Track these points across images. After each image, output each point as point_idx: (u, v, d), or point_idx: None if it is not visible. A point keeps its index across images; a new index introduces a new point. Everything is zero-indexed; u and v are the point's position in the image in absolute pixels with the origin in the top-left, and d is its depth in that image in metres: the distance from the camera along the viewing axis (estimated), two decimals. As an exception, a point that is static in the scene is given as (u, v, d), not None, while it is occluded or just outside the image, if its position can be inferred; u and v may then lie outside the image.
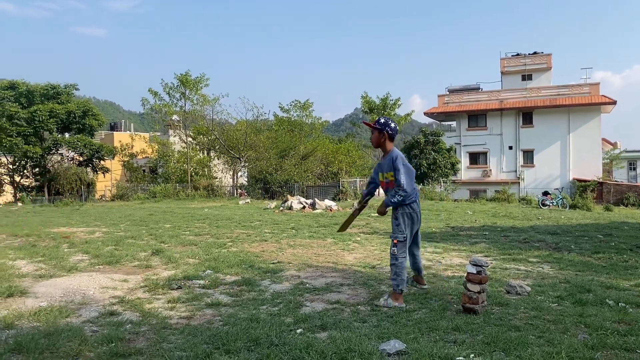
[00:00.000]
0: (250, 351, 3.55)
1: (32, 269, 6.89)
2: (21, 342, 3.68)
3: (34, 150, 35.03)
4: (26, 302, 5.05)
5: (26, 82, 37.73)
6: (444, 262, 7.96)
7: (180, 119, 38.30)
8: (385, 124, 5.12)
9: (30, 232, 11.49)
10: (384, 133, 5.10)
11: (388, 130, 5.09)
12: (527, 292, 5.43)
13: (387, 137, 5.11)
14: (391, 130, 5.11)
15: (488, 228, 13.29)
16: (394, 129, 5.13)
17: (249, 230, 12.01)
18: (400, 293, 4.94)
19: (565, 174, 38.03)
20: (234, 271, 6.70)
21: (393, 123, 5.19)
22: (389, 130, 5.10)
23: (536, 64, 42.01)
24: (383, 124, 5.12)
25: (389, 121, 5.18)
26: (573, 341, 3.65)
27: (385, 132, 5.09)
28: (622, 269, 7.35)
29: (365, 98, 39.75)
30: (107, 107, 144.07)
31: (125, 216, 17.05)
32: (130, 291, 5.69)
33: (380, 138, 5.14)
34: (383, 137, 5.12)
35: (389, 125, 5.12)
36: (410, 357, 3.29)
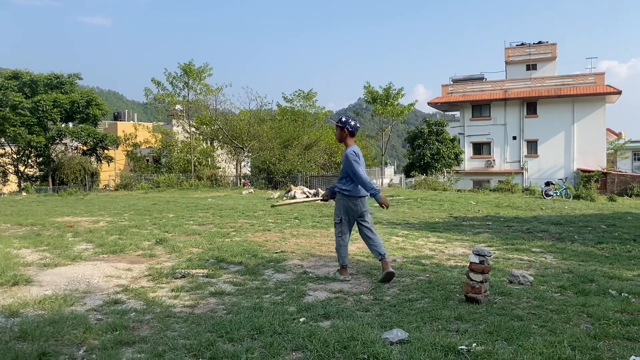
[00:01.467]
0: (253, 339, 3.57)
1: (37, 257, 6.93)
2: (26, 329, 3.71)
3: (37, 140, 35.10)
4: (31, 291, 5.08)
5: (30, 72, 37.72)
6: (446, 251, 7.97)
7: (183, 109, 38.23)
8: (345, 122, 5.66)
9: (35, 221, 11.55)
10: (345, 130, 5.65)
11: (348, 128, 5.64)
12: (529, 282, 5.44)
13: (347, 133, 5.66)
14: (351, 127, 5.65)
15: (491, 218, 13.29)
16: (353, 127, 5.67)
17: (253, 220, 12.03)
18: (343, 267, 5.71)
19: (569, 165, 37.89)
20: (237, 260, 6.72)
21: (353, 121, 5.71)
22: (348, 128, 5.64)
23: (541, 53, 41.70)
24: (344, 122, 5.67)
25: (349, 119, 5.72)
26: (575, 331, 3.65)
27: (345, 129, 5.64)
28: (625, 259, 7.35)
29: (368, 88, 39.57)
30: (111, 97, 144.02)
31: (129, 206, 17.11)
32: (134, 280, 5.72)
33: (342, 134, 5.70)
34: (345, 134, 5.66)
35: (349, 123, 5.66)
36: (412, 346, 3.31)
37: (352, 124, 5.69)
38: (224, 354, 3.22)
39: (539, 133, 38.85)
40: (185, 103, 37.36)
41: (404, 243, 8.75)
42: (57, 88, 37.27)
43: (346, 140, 5.71)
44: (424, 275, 5.99)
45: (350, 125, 5.67)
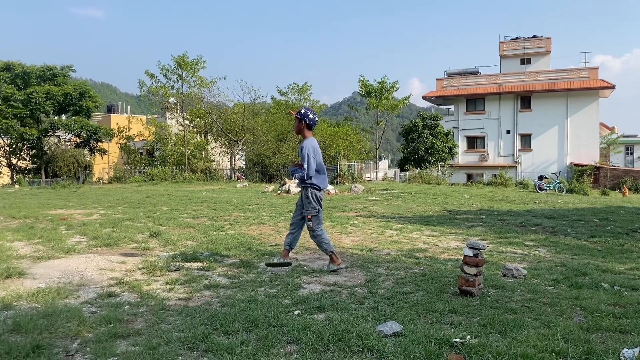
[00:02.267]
0: (248, 332, 3.57)
1: (30, 250, 6.89)
2: (20, 322, 3.69)
3: (30, 132, 34.82)
4: (24, 283, 5.06)
5: (22, 64, 37.32)
6: (440, 245, 8.00)
7: (177, 102, 38.06)
8: (304, 114, 5.72)
9: (28, 214, 11.48)
10: (303, 122, 5.71)
11: (306, 120, 5.70)
12: (523, 275, 5.47)
13: (305, 125, 5.73)
14: (309, 120, 5.71)
15: (485, 212, 13.34)
16: (312, 120, 5.73)
17: (247, 213, 12.03)
18: (333, 253, 5.78)
19: (563, 159, 38.06)
20: (232, 253, 6.72)
21: (312, 114, 5.76)
22: (306, 120, 5.70)
23: (535, 47, 41.76)
24: (302, 114, 5.72)
25: (308, 112, 5.76)
26: (569, 323, 3.68)
27: (304, 121, 5.71)
28: (618, 253, 7.41)
29: (363, 82, 39.47)
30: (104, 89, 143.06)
31: (122, 198, 17.05)
32: (128, 273, 5.70)
33: (300, 126, 5.77)
34: (302, 126, 5.74)
35: (307, 115, 5.71)
36: (407, 339, 3.32)
37: (311, 117, 5.77)
38: (218, 346, 3.22)
39: (533, 127, 38.98)
40: (179, 96, 37.19)
41: (398, 236, 8.77)
42: (49, 80, 36.94)
43: (304, 132, 5.83)
44: (418, 268, 6.00)
45: (308, 117, 5.75)
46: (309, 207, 5.84)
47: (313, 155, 5.70)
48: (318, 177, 5.79)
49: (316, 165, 5.75)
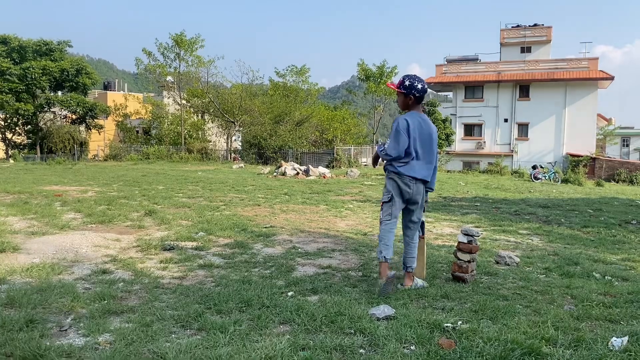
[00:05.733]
0: (241, 312, 3.59)
1: (25, 225, 6.88)
2: (14, 296, 3.70)
3: (25, 108, 34.56)
4: (18, 258, 5.06)
5: (18, 38, 36.87)
6: (434, 231, 8.04)
7: (174, 81, 37.81)
8: (410, 87, 4.42)
9: (23, 189, 11.45)
10: (410, 97, 4.45)
11: (415, 93, 4.43)
12: (516, 263, 5.50)
13: (414, 100, 4.46)
14: (418, 92, 4.44)
15: (480, 199, 13.38)
16: (421, 90, 4.44)
17: (242, 195, 12.02)
18: (384, 261, 4.39)
19: (559, 149, 38.11)
20: (226, 234, 6.73)
21: (420, 83, 4.45)
22: (415, 93, 4.43)
23: (536, 36, 41.54)
24: (408, 86, 4.42)
25: (415, 81, 4.44)
26: (559, 312, 3.71)
27: (411, 95, 4.44)
28: (610, 244, 7.45)
29: (362, 65, 39.31)
30: (101, 66, 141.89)
31: (118, 176, 17.01)
32: (122, 250, 5.71)
33: (406, 101, 4.49)
34: (410, 101, 4.47)
35: (414, 87, 4.42)
36: (399, 322, 3.34)
37: (419, 88, 4.44)
38: (212, 325, 3.24)
39: (531, 116, 38.94)
40: (177, 74, 36.95)
41: (393, 221, 8.79)
42: (46, 55, 36.56)
43: (413, 109, 4.51)
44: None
45: (417, 90, 4.43)
46: (383, 192, 4.62)
47: (405, 132, 4.34)
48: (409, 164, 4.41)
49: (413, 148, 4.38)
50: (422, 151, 4.43)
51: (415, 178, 4.41)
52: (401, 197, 4.47)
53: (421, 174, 4.43)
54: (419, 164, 4.42)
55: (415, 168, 4.41)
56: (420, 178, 4.43)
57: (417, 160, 4.41)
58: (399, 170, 4.41)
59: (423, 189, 4.52)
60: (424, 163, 4.46)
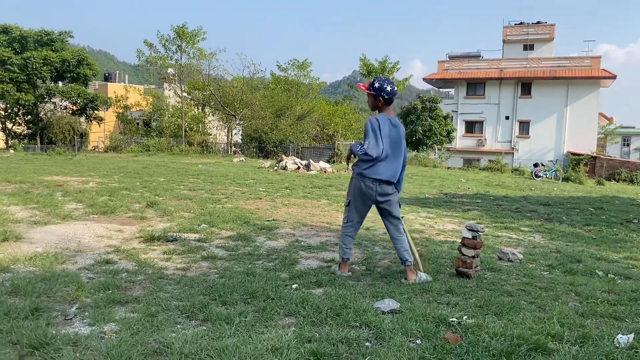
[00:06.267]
0: (246, 304, 3.59)
1: (27, 215, 6.87)
2: (18, 285, 3.69)
3: (26, 98, 34.48)
4: (21, 247, 5.05)
5: (19, 27, 36.73)
6: (436, 227, 8.03)
7: (175, 73, 37.72)
8: (379, 89, 4.45)
9: (24, 179, 11.43)
10: (380, 99, 4.49)
11: (384, 95, 4.46)
12: (519, 260, 5.50)
13: (383, 102, 4.50)
14: (387, 94, 4.46)
15: (481, 196, 13.38)
16: (390, 92, 4.47)
17: (244, 188, 12.01)
18: (343, 261, 4.63)
19: (560, 147, 38.09)
20: (229, 226, 6.72)
21: (389, 85, 4.49)
22: (384, 95, 4.46)
23: (539, 34, 41.44)
24: (377, 88, 4.46)
25: (384, 84, 4.47)
26: (564, 308, 3.71)
27: (380, 97, 4.48)
28: (612, 242, 7.46)
29: (364, 61, 39.28)
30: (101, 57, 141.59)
31: (118, 168, 16.98)
32: (125, 241, 5.70)
33: (376, 103, 4.54)
34: (379, 102, 4.51)
35: (384, 89, 4.45)
36: (404, 316, 3.34)
37: (389, 90, 4.46)
38: (217, 316, 3.23)
39: (532, 114, 38.90)
40: (178, 67, 36.87)
41: (395, 217, 8.78)
42: (47, 45, 36.43)
43: (382, 110, 4.54)
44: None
45: (386, 92, 4.45)
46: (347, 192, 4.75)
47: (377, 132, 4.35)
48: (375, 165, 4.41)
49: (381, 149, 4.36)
50: (391, 152, 4.44)
51: (380, 180, 4.42)
52: (362, 199, 4.52)
53: (386, 175, 4.43)
54: (385, 165, 4.43)
55: (380, 170, 4.41)
56: (385, 179, 4.44)
57: (384, 162, 4.41)
58: (362, 172, 4.45)
59: (393, 190, 4.54)
60: (391, 164, 4.46)
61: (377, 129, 4.35)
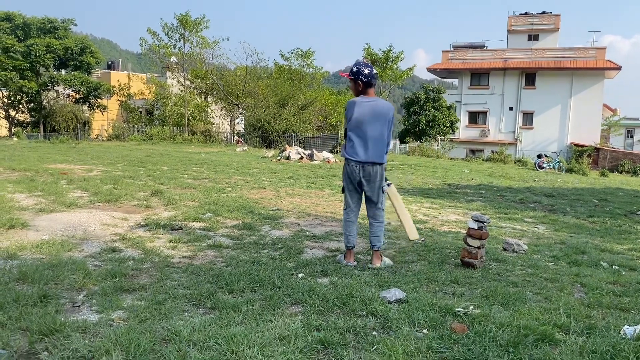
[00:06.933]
0: (253, 292, 3.60)
1: (32, 202, 6.88)
2: (26, 272, 3.71)
3: (29, 86, 34.43)
4: (28, 235, 5.07)
5: (22, 15, 36.60)
6: (440, 217, 8.04)
7: (178, 61, 37.60)
8: (357, 73, 4.52)
9: (28, 166, 11.44)
10: (359, 82, 4.54)
11: (362, 78, 4.51)
12: (524, 251, 5.51)
13: (362, 85, 4.55)
14: (365, 77, 4.51)
15: (484, 187, 13.37)
16: (368, 75, 4.51)
17: (247, 177, 12.02)
18: (348, 249, 4.70)
19: (563, 138, 37.97)
20: (234, 215, 6.73)
21: (367, 68, 4.54)
22: (362, 78, 4.51)
23: (544, 24, 41.13)
24: (355, 72, 4.52)
25: (362, 67, 4.53)
26: (570, 299, 3.72)
27: (359, 81, 4.54)
28: (616, 233, 7.45)
29: (368, 50, 39.03)
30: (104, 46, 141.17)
31: (122, 156, 16.98)
32: (130, 229, 5.72)
33: (356, 88, 4.59)
34: (359, 86, 4.57)
35: (361, 72, 4.51)
36: (410, 306, 3.35)
37: (366, 73, 4.52)
38: (224, 304, 3.25)
39: (536, 105, 38.74)
40: (181, 55, 36.74)
41: (399, 207, 8.78)
42: (50, 33, 36.31)
43: (365, 93, 4.60)
44: (419, 239, 6.03)
45: (363, 75, 4.51)
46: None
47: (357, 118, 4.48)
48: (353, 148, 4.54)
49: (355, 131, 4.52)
50: (371, 133, 4.48)
51: (359, 161, 4.51)
52: (351, 182, 4.63)
53: (365, 157, 4.50)
54: (363, 146, 4.50)
55: (359, 151, 4.50)
56: (364, 161, 4.50)
57: (361, 143, 4.49)
58: (344, 155, 4.59)
59: (376, 171, 4.55)
60: (370, 145, 4.50)
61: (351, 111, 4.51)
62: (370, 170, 4.53)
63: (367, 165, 4.52)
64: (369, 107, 4.51)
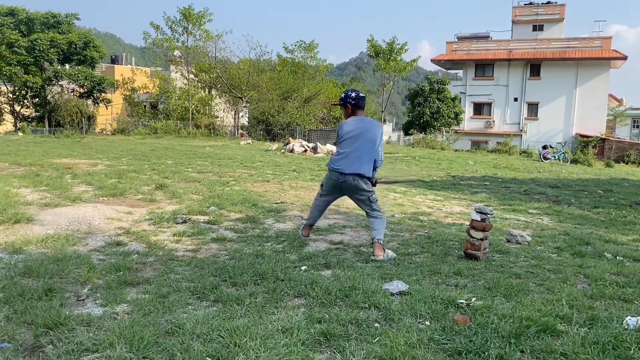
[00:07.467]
0: (256, 285, 3.62)
1: (37, 197, 6.92)
2: (31, 266, 3.74)
3: (34, 80, 34.49)
4: (33, 229, 5.10)
5: (26, 9, 36.59)
6: (444, 209, 8.04)
7: (182, 55, 37.58)
8: (345, 98, 5.00)
9: (33, 161, 11.49)
10: (348, 106, 4.98)
11: (350, 102, 4.96)
12: (527, 242, 5.50)
13: (351, 107, 4.98)
14: (352, 100, 4.96)
15: (489, 179, 13.34)
16: (355, 98, 4.97)
17: (251, 171, 12.03)
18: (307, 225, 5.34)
19: (569, 129, 37.75)
20: (237, 209, 6.75)
21: (354, 92, 5.03)
22: (350, 101, 4.96)
23: (549, 14, 40.80)
24: (343, 98, 5.02)
25: (348, 92, 5.02)
26: (573, 290, 3.72)
27: (348, 104, 4.98)
28: (621, 224, 7.44)
29: (372, 42, 38.85)
30: (108, 40, 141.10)
31: (126, 150, 17.03)
32: (135, 223, 5.74)
33: (347, 112, 5.03)
34: (349, 110, 5.00)
35: (349, 96, 4.98)
36: (413, 298, 3.36)
37: (353, 96, 4.97)
38: (227, 297, 3.27)
39: (541, 96, 38.50)
40: (184, 49, 36.69)
41: (402, 199, 8.80)
42: (54, 27, 36.31)
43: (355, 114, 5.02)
44: (423, 231, 6.04)
45: (351, 98, 4.96)
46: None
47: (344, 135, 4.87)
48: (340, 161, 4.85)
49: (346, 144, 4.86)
50: (359, 148, 4.80)
51: (342, 172, 4.79)
52: (331, 187, 5.02)
53: (348, 169, 4.78)
54: (348, 159, 4.79)
55: (343, 163, 4.80)
56: (346, 172, 4.78)
57: (348, 157, 4.80)
58: (329, 165, 4.94)
59: (357, 183, 4.80)
60: (355, 158, 4.79)
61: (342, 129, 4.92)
62: (351, 181, 4.79)
63: (347, 176, 4.77)
64: (358, 125, 4.87)
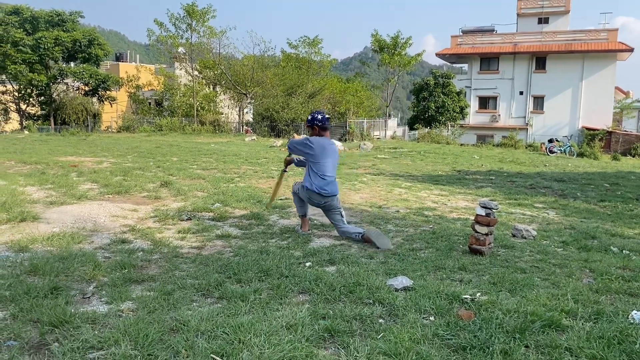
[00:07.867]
0: (261, 281, 3.63)
1: (43, 195, 6.96)
2: (37, 264, 3.76)
3: (39, 79, 34.64)
4: (39, 227, 5.13)
5: (30, 8, 36.74)
6: (449, 204, 8.01)
7: (186, 52, 37.57)
8: (311, 120, 5.37)
9: (39, 159, 11.55)
10: (315, 127, 5.35)
11: (317, 124, 5.33)
12: (533, 236, 5.48)
13: (318, 129, 5.34)
14: (319, 122, 5.34)
15: (494, 173, 13.30)
16: (321, 120, 5.35)
17: (256, 167, 12.05)
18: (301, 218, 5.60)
19: (575, 122, 37.52)
20: (242, 205, 6.76)
21: (319, 114, 5.41)
22: (317, 123, 5.33)
23: (554, 6, 40.49)
24: (310, 120, 5.39)
25: (315, 114, 5.41)
26: (578, 285, 3.70)
27: (315, 126, 5.34)
28: (627, 218, 7.40)
29: (376, 36, 38.67)
30: (112, 37, 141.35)
31: (132, 148, 17.08)
32: (140, 220, 5.76)
33: (314, 133, 5.37)
34: (316, 132, 5.35)
35: (315, 118, 5.36)
36: (417, 293, 3.35)
37: (320, 118, 5.34)
38: (232, 293, 3.28)
39: (547, 89, 38.26)
40: (188, 45, 36.68)
41: (407, 194, 8.78)
42: (58, 26, 36.44)
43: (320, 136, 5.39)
44: (427, 226, 6.03)
45: (317, 120, 5.32)
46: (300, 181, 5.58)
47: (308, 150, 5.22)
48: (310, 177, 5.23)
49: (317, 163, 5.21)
50: (329, 167, 5.22)
51: (322, 194, 5.16)
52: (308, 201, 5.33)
53: (325, 191, 5.16)
54: (323, 179, 5.17)
55: (320, 184, 5.15)
56: (325, 194, 5.16)
57: (323, 177, 5.17)
58: (306, 185, 5.23)
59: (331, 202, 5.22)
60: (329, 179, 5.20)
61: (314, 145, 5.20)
62: (330, 202, 5.22)
63: (328, 198, 5.19)
64: (326, 145, 5.27)
